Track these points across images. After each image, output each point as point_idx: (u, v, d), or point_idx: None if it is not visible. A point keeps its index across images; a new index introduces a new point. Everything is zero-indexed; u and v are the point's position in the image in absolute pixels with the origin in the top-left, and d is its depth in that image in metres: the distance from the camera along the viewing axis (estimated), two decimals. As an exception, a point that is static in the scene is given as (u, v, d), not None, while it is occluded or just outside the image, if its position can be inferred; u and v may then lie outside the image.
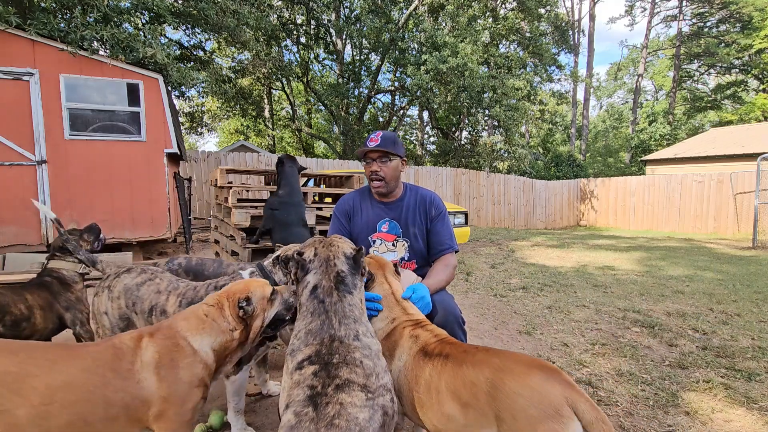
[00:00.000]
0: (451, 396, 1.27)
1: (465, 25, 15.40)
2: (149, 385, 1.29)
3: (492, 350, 1.32)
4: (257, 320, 1.53)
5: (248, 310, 1.48)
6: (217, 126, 23.30)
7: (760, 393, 2.38)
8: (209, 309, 1.49)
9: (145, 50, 5.68)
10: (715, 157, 15.47)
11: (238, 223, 3.08)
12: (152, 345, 1.35)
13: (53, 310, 2.35)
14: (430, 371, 1.35)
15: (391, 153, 2.04)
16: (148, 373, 1.30)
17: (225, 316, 1.47)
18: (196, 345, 1.41)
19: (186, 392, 1.34)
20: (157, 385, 1.30)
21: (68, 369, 1.23)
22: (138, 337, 1.38)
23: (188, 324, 1.45)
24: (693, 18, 25.97)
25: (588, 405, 1.08)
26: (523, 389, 1.12)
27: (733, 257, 7.44)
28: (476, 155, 16.67)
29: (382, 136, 2.05)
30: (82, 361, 1.26)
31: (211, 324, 1.45)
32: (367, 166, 2.10)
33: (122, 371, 1.27)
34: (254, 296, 1.52)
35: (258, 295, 1.53)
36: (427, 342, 1.46)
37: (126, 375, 1.27)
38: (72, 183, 5.54)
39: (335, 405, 1.10)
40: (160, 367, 1.32)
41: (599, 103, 42.08)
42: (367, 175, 2.13)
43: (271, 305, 1.57)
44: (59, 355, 1.27)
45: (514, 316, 3.84)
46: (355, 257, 1.51)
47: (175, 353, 1.36)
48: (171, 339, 1.39)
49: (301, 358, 1.26)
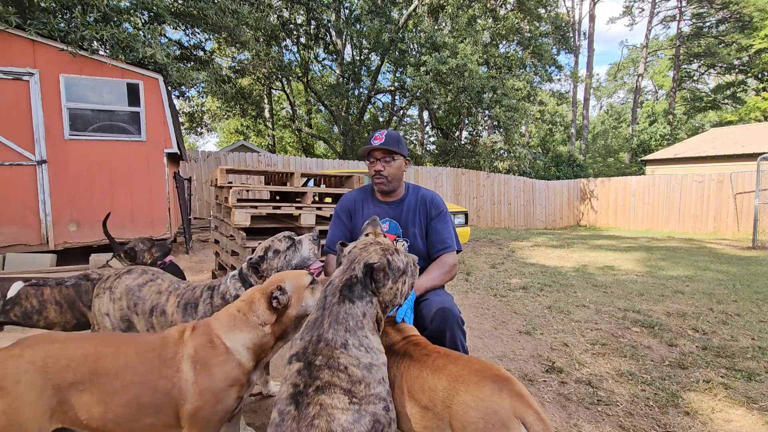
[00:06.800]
0: (411, 398, 1.30)
1: (465, 26, 15.41)
2: (187, 377, 1.33)
3: (452, 356, 1.34)
4: (292, 310, 1.50)
5: (282, 300, 1.45)
6: (217, 126, 23.30)
7: (760, 393, 2.38)
8: (241, 304, 1.49)
9: (145, 50, 5.69)
10: (715, 157, 15.47)
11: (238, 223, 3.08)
12: (191, 339, 1.39)
13: (74, 307, 2.38)
14: (394, 371, 1.38)
15: (395, 152, 2.03)
16: (186, 364, 1.34)
17: (254, 309, 1.46)
18: (229, 343, 1.41)
19: (220, 390, 1.35)
20: (194, 378, 1.33)
21: (128, 352, 1.33)
22: (182, 330, 1.44)
23: (220, 321, 1.45)
24: (693, 18, 25.98)
25: (535, 417, 1.10)
26: (473, 401, 1.15)
27: (733, 257, 7.44)
28: (476, 155, 16.66)
29: (387, 135, 2.04)
30: (138, 347, 1.36)
31: (242, 320, 1.44)
32: (371, 165, 2.09)
33: (167, 359, 1.34)
34: (288, 285, 1.49)
35: (293, 284, 1.51)
36: (393, 341, 1.49)
37: (169, 363, 1.34)
38: (72, 183, 5.54)
39: (315, 406, 1.09)
40: (196, 363, 1.35)
41: (599, 103, 42.12)
42: (370, 174, 2.11)
43: (312, 293, 1.53)
44: (122, 340, 1.39)
45: (514, 316, 3.84)
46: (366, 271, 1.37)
47: (209, 350, 1.38)
48: (206, 336, 1.40)
49: (292, 352, 1.26)
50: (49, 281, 2.39)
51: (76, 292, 2.39)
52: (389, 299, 1.41)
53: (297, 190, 3.49)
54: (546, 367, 2.74)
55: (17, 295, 2.29)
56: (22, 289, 2.31)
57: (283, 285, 1.49)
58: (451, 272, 2.02)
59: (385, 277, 1.37)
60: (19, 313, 2.29)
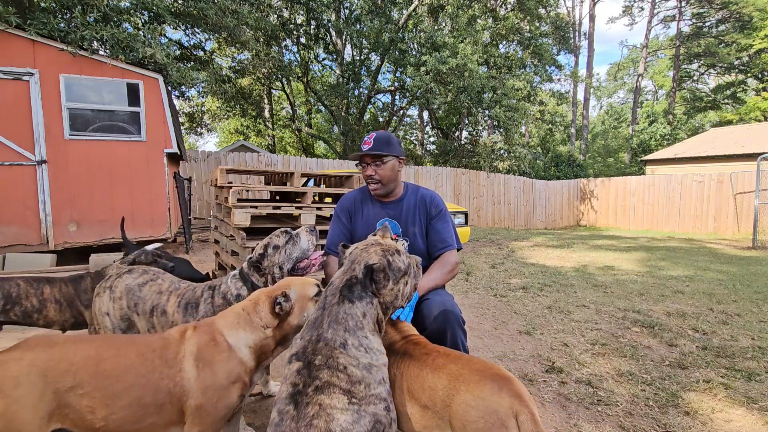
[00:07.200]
0: (412, 397, 1.30)
1: (465, 26, 15.40)
2: (190, 376, 1.33)
3: (452, 355, 1.34)
4: (293, 318, 1.50)
5: (285, 307, 1.45)
6: (217, 126, 23.29)
7: (760, 393, 2.38)
8: (247, 304, 1.50)
9: (145, 50, 5.69)
10: (715, 157, 15.47)
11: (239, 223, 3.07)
12: (194, 338, 1.40)
13: (73, 305, 2.39)
14: (394, 371, 1.38)
15: (385, 155, 2.03)
16: (188, 363, 1.35)
17: (258, 311, 1.47)
18: (232, 341, 1.42)
19: (223, 387, 1.36)
20: (196, 376, 1.34)
21: (129, 354, 1.34)
22: (183, 330, 1.44)
23: (225, 320, 1.46)
24: (692, 18, 25.98)
25: (527, 417, 1.10)
26: (473, 400, 1.15)
27: (733, 257, 7.44)
28: (476, 155, 16.66)
29: (375, 138, 2.03)
30: (139, 348, 1.36)
31: (246, 319, 1.46)
32: (363, 170, 2.09)
33: (168, 359, 1.35)
34: (293, 293, 1.50)
35: (298, 293, 1.51)
36: (393, 341, 1.49)
37: (171, 363, 1.34)
38: (72, 183, 5.54)
39: (314, 406, 1.10)
40: (199, 360, 1.36)
41: (599, 103, 42.13)
42: (365, 179, 2.12)
43: (316, 305, 1.52)
44: (122, 342, 1.39)
45: (514, 316, 3.84)
46: (366, 272, 1.38)
47: (212, 348, 1.39)
48: (209, 334, 1.41)
49: (292, 352, 1.27)
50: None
51: (76, 291, 2.40)
52: (390, 300, 1.41)
53: (297, 190, 3.49)
54: (546, 367, 2.74)
55: (17, 295, 2.29)
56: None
57: (288, 292, 1.49)
58: (452, 271, 2.02)
59: (385, 278, 1.37)
60: (19, 313, 2.29)
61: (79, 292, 2.40)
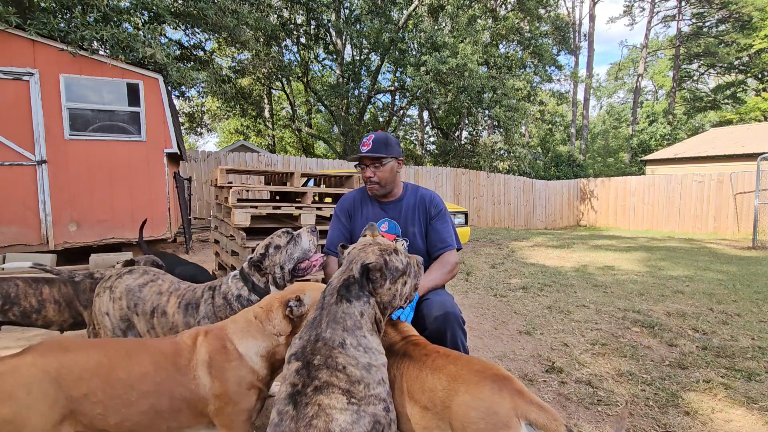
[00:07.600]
0: (411, 398, 1.30)
1: (465, 26, 15.39)
2: (204, 383, 1.33)
3: (452, 356, 1.33)
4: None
5: (297, 311, 1.43)
6: (217, 126, 23.30)
7: (760, 393, 2.38)
8: (259, 311, 1.47)
9: (145, 50, 5.68)
10: (715, 157, 15.47)
11: (238, 223, 3.08)
12: (205, 344, 1.39)
13: (72, 306, 2.39)
14: (394, 371, 1.37)
15: (383, 157, 2.03)
16: (201, 371, 1.34)
17: (271, 318, 1.44)
18: (242, 349, 1.39)
19: (237, 392, 1.35)
20: (210, 383, 1.33)
21: (143, 361, 1.32)
22: (195, 335, 1.43)
23: (236, 326, 1.44)
24: (692, 18, 25.98)
25: (537, 409, 1.09)
26: (474, 401, 1.14)
27: (733, 257, 7.44)
28: (476, 155, 16.66)
29: (374, 140, 2.04)
30: (152, 356, 1.35)
31: (257, 327, 1.43)
32: (362, 172, 2.09)
33: (181, 367, 1.34)
34: (307, 297, 1.47)
35: (312, 298, 1.48)
36: (392, 341, 1.49)
37: (184, 371, 1.33)
38: (72, 183, 5.54)
39: (314, 406, 1.09)
40: (211, 367, 1.35)
41: (599, 103, 42.13)
42: (363, 180, 2.13)
43: None
44: (135, 348, 1.37)
45: (514, 316, 3.84)
46: (362, 271, 1.37)
47: (222, 354, 1.37)
48: (220, 340, 1.40)
49: (291, 351, 1.26)
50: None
51: (74, 291, 2.40)
52: (387, 300, 1.40)
53: (297, 190, 3.50)
54: (546, 367, 2.74)
55: (16, 295, 2.29)
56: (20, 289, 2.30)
57: (302, 296, 1.46)
58: (452, 271, 2.02)
59: (382, 278, 1.36)
60: (18, 313, 2.28)
61: (78, 292, 2.40)
